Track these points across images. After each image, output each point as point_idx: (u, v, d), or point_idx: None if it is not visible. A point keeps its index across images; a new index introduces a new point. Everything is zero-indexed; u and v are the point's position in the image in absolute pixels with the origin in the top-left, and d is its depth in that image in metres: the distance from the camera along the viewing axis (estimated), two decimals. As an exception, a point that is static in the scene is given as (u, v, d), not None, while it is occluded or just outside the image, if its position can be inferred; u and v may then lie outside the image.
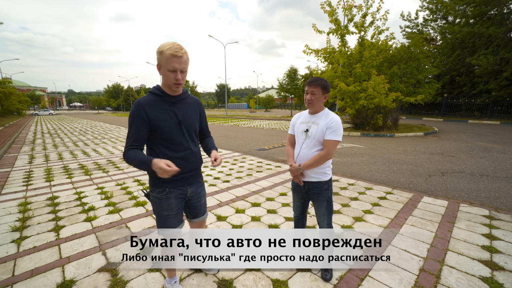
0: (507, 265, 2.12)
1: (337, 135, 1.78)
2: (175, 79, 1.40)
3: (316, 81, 1.79)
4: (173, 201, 1.57)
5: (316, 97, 1.81)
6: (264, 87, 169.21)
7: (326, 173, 1.90)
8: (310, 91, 1.81)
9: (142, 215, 3.12)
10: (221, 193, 3.91)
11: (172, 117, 1.49)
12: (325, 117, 1.84)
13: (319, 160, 1.82)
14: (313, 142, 1.85)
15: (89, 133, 13.43)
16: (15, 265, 2.13)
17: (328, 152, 1.79)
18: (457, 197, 3.75)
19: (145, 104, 1.43)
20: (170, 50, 1.33)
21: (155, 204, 1.58)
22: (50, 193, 3.91)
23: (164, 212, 1.58)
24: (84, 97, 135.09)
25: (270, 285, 1.90)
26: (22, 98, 33.87)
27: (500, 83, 17.74)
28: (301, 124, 1.95)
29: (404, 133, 11.01)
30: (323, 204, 1.94)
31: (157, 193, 1.55)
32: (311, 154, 1.86)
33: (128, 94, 68.49)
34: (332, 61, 12.52)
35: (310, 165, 1.84)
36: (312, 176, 1.90)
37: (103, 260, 2.20)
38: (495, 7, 18.31)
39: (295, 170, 1.90)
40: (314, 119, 1.88)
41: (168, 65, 1.36)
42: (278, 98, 38.36)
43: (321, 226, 2.00)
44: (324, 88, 1.79)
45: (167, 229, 1.61)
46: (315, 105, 1.84)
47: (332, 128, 1.78)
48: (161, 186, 1.54)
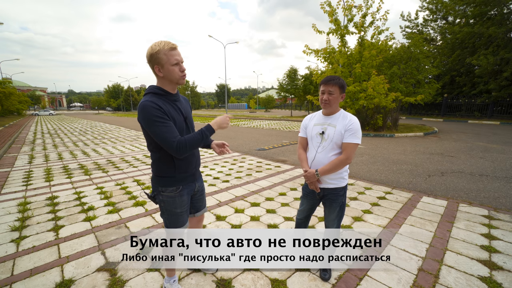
0: (506, 264, 2.13)
1: (357, 138, 1.68)
2: (181, 71, 1.42)
3: (333, 80, 1.68)
4: (186, 197, 1.62)
5: (333, 97, 1.69)
6: (264, 87, 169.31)
7: (343, 178, 1.81)
8: (327, 90, 1.69)
9: (142, 215, 3.12)
10: (220, 193, 3.92)
11: (180, 114, 1.50)
12: (343, 118, 1.73)
13: (338, 165, 1.71)
14: (331, 146, 1.74)
15: (89, 133, 13.44)
16: (14, 265, 2.14)
17: (348, 156, 1.69)
18: (456, 197, 3.75)
19: (160, 104, 1.38)
20: (166, 46, 1.35)
21: (167, 203, 1.57)
22: (49, 193, 3.92)
23: (178, 210, 1.59)
24: (84, 97, 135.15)
25: (269, 285, 1.90)
26: (22, 98, 33.87)
27: (500, 83, 17.73)
28: (315, 126, 1.83)
29: (404, 133, 11.01)
30: (335, 210, 1.85)
31: (170, 192, 1.55)
32: (328, 159, 1.75)
33: (128, 94, 68.51)
34: (332, 61, 12.52)
35: (328, 170, 1.73)
36: (329, 182, 1.79)
37: (102, 260, 2.21)
38: (495, 7, 18.31)
39: (312, 176, 1.77)
40: (330, 120, 1.76)
41: (171, 60, 1.37)
42: (278, 98, 38.34)
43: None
44: (341, 87, 1.69)
45: (178, 228, 1.64)
46: (332, 106, 1.73)
47: (352, 130, 1.68)
48: (174, 184, 1.55)
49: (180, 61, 1.41)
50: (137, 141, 9.93)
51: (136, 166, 5.68)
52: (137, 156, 6.95)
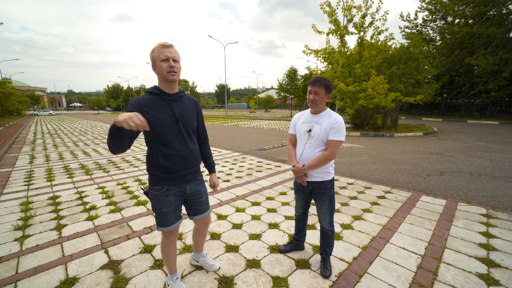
0: (503, 262, 2.16)
1: (340, 135, 1.80)
2: (169, 67, 1.45)
3: (319, 81, 1.79)
4: (172, 198, 1.61)
5: (319, 97, 1.81)
6: (264, 87, 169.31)
7: (329, 172, 1.92)
8: (314, 91, 1.81)
9: (143, 214, 3.14)
10: (221, 192, 3.94)
11: (169, 114, 1.51)
12: (328, 117, 1.84)
13: (323, 160, 1.83)
14: (317, 142, 1.86)
15: (89, 133, 13.45)
16: (19, 263, 2.16)
17: (332, 152, 1.81)
18: (455, 196, 3.79)
19: (142, 101, 1.47)
20: (159, 44, 1.44)
21: (154, 201, 1.61)
22: (51, 193, 3.94)
23: (164, 209, 1.61)
24: (84, 98, 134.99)
25: (270, 282, 1.93)
26: (22, 98, 33.84)
27: (499, 83, 17.80)
28: (303, 124, 1.95)
29: (403, 133, 11.05)
30: (325, 203, 1.96)
31: (156, 190, 1.58)
32: (314, 154, 1.87)
33: (128, 95, 68.46)
34: (332, 61, 12.57)
35: (314, 165, 1.85)
36: (316, 176, 1.91)
37: (105, 258, 2.23)
38: (494, 7, 18.39)
39: (299, 171, 1.90)
40: (317, 119, 1.88)
41: (160, 56, 1.43)
42: (278, 98, 38.39)
43: (323, 224, 2.03)
44: (327, 88, 1.80)
45: (166, 227, 1.64)
46: (318, 105, 1.84)
47: (336, 128, 1.79)
48: (160, 183, 1.57)
49: (170, 57, 1.44)
50: (138, 141, 9.94)
51: (137, 166, 5.70)
52: (138, 156, 6.97)
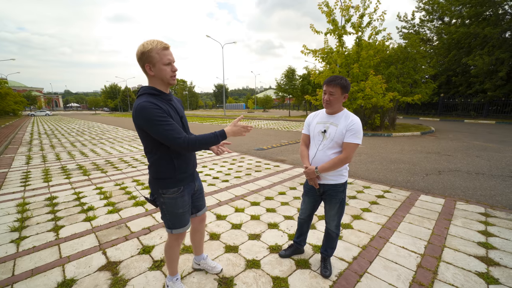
0: (502, 260, 2.17)
1: (357, 138, 1.70)
2: (172, 71, 1.42)
3: (335, 80, 1.68)
4: (187, 197, 1.62)
5: (334, 97, 1.70)
6: (262, 87, 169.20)
7: (343, 175, 1.83)
8: (329, 91, 1.70)
9: (142, 215, 3.12)
10: (220, 193, 3.93)
11: (176, 113, 1.51)
12: (345, 118, 1.75)
13: (337, 163, 1.73)
14: (331, 144, 1.76)
15: (87, 133, 13.35)
16: (15, 265, 2.13)
17: (347, 156, 1.71)
18: (453, 195, 3.80)
19: (156, 103, 1.37)
20: (159, 45, 1.36)
21: (169, 205, 1.56)
22: (48, 194, 3.90)
23: (180, 210, 1.59)
24: (81, 98, 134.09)
25: (270, 282, 1.92)
26: (18, 98, 33.58)
27: (496, 83, 17.95)
28: (317, 124, 1.85)
29: (401, 133, 11.10)
30: (335, 206, 1.88)
31: (171, 193, 1.54)
32: (328, 157, 1.77)
33: (125, 95, 68.14)
34: (330, 61, 12.57)
35: (327, 168, 1.75)
36: (329, 179, 1.82)
37: (103, 259, 2.21)
38: (490, 8, 18.53)
39: (311, 173, 1.81)
40: (333, 119, 1.78)
41: (163, 59, 1.37)
42: (276, 98, 38.37)
43: (329, 226, 1.97)
44: (343, 87, 1.69)
45: (181, 228, 1.63)
46: (334, 106, 1.74)
47: (353, 130, 1.69)
48: (175, 185, 1.54)
49: (172, 61, 1.41)
50: (135, 141, 9.89)
51: (135, 166, 5.66)
52: (136, 156, 6.93)
